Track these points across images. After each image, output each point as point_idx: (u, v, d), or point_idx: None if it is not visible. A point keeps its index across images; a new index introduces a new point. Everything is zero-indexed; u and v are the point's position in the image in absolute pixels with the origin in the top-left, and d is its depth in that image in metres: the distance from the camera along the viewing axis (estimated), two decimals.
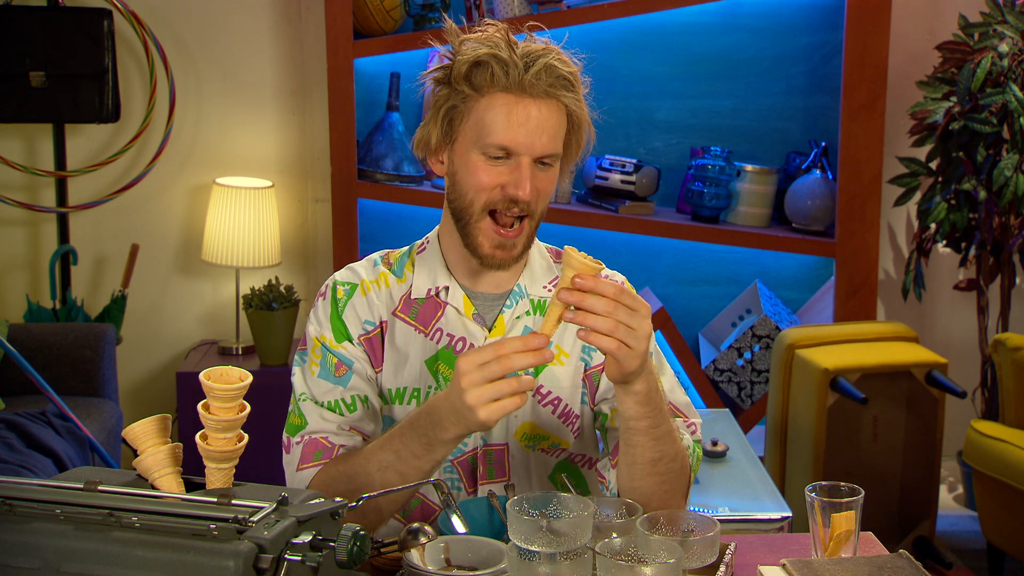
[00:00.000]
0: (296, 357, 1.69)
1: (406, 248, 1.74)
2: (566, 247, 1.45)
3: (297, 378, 1.66)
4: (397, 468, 1.49)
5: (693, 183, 3.67)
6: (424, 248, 1.71)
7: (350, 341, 1.65)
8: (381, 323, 1.67)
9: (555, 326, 1.41)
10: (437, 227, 1.72)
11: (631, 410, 1.48)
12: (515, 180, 1.55)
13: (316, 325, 1.67)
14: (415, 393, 1.66)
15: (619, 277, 1.76)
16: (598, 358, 1.70)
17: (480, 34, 1.58)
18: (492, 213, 1.58)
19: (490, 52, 1.55)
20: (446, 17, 1.62)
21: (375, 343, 1.66)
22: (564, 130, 1.59)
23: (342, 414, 1.62)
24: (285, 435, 1.64)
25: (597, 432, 1.73)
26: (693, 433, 1.68)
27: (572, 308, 1.39)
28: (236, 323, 3.78)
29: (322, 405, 1.62)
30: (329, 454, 1.60)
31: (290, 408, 1.66)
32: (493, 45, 1.56)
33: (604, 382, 1.69)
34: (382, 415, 1.67)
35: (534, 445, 1.68)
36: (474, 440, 1.66)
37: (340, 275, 1.71)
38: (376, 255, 1.74)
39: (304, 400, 1.64)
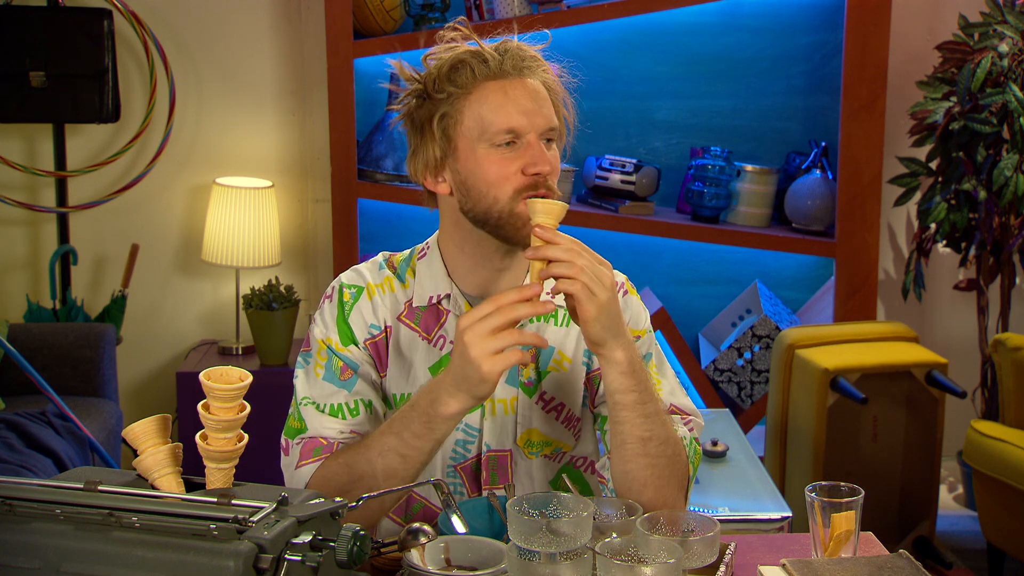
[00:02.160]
0: (299, 359, 1.68)
1: (407, 252, 1.72)
2: (529, 200, 1.49)
3: (300, 381, 1.65)
4: (399, 451, 1.49)
5: (693, 183, 3.67)
6: (424, 254, 1.69)
7: (356, 345, 1.64)
8: (386, 327, 1.66)
9: (538, 276, 1.45)
10: (436, 233, 1.70)
11: (616, 382, 1.49)
12: (531, 158, 1.55)
13: (322, 327, 1.66)
14: None
15: (620, 277, 1.75)
16: (597, 362, 1.69)
17: (442, 45, 1.60)
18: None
19: (463, 51, 1.57)
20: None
21: (380, 347, 1.65)
22: (552, 105, 1.61)
23: (344, 418, 1.61)
24: (284, 438, 1.63)
25: (597, 434, 1.73)
26: (691, 430, 1.67)
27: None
28: (236, 323, 3.78)
29: (324, 409, 1.61)
30: (328, 450, 1.59)
31: (290, 411, 1.65)
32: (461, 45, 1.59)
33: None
34: (385, 419, 1.66)
35: (537, 451, 1.68)
36: (477, 446, 1.65)
37: (346, 277, 1.69)
38: (379, 258, 1.72)
39: (305, 404, 1.63)
